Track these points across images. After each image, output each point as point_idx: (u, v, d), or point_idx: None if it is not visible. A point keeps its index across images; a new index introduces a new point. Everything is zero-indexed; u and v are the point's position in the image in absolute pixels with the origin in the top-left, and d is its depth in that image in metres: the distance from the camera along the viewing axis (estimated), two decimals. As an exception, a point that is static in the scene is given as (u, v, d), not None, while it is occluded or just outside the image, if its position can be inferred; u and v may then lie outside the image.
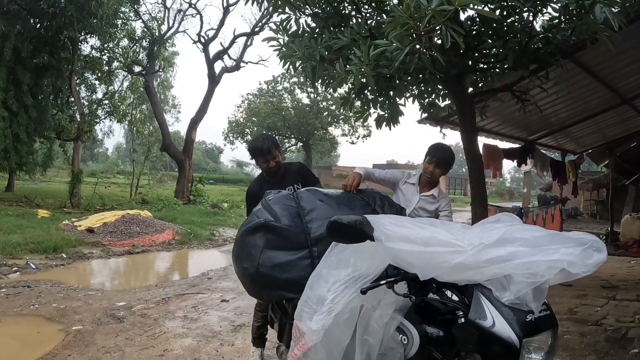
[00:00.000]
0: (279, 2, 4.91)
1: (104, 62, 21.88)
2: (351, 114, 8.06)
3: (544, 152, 12.40)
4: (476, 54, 5.05)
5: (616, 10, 3.96)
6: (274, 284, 2.94)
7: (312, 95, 44.14)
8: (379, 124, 5.29)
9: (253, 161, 5.12)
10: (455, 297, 2.17)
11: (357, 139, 46.84)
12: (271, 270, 2.91)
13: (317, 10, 5.17)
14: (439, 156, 4.02)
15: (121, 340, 5.49)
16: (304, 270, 2.83)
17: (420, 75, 4.86)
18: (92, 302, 7.10)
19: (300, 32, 4.99)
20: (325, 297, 2.31)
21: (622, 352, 4.94)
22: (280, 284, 2.92)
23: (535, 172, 12.57)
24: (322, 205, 3.11)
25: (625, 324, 5.74)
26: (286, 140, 50.79)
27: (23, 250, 10.40)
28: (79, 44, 19.97)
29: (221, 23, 26.10)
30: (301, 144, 49.49)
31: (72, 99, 21.44)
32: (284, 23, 4.95)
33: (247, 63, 27.98)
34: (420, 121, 7.60)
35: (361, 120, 5.43)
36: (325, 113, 45.04)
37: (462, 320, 2.07)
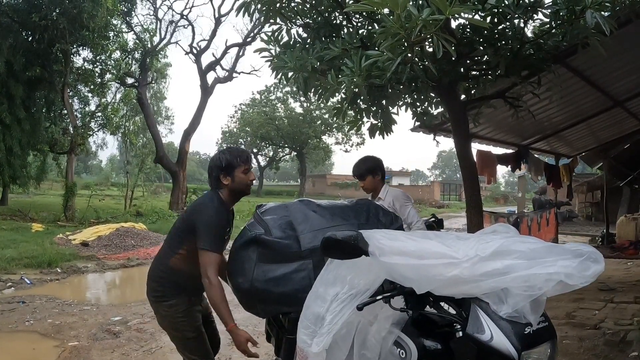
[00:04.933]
0: (270, 13, 4.91)
1: (97, 74, 21.90)
2: (344, 123, 8.06)
3: (538, 156, 12.43)
4: (468, 62, 5.05)
5: (607, 14, 3.97)
6: (268, 298, 2.91)
7: (305, 105, 44.29)
8: (372, 133, 5.28)
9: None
10: (452, 311, 2.16)
11: (351, 147, 47.05)
12: (265, 285, 2.88)
13: (308, 20, 5.17)
14: (354, 172, 4.62)
15: (117, 356, 5.45)
16: (299, 283, 2.83)
17: (413, 84, 4.86)
18: (87, 317, 7.04)
19: (291, 42, 4.99)
20: (323, 317, 2.29)
21: (622, 356, 4.93)
22: (275, 298, 2.89)
23: (529, 176, 12.59)
24: (315, 216, 3.07)
25: (624, 326, 5.72)
26: (280, 150, 50.84)
27: (17, 265, 10.32)
28: (71, 56, 19.98)
29: (213, 34, 26.15)
30: (295, 153, 49.59)
31: (65, 112, 21.42)
32: (276, 34, 4.94)
33: (239, 73, 28.01)
34: (413, 129, 7.60)
35: (355, 129, 5.44)
36: (319, 122, 45.19)
37: (460, 334, 2.06)
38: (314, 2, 5.09)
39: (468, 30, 4.66)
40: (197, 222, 3.12)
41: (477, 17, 4.03)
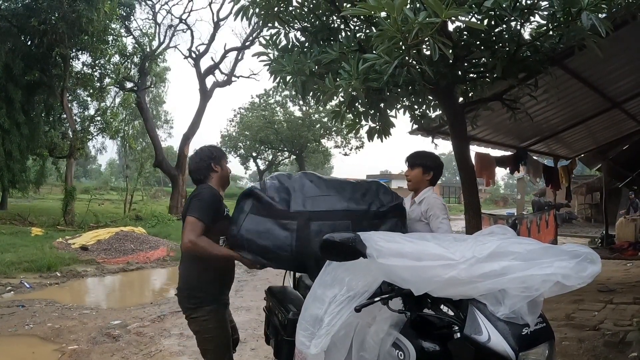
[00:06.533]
0: (268, 17, 4.92)
1: (96, 78, 21.84)
2: (343, 127, 8.08)
3: (536, 158, 12.44)
4: (465, 64, 5.06)
5: (603, 16, 3.98)
6: (251, 247, 3.11)
7: (304, 108, 44.21)
8: (370, 136, 5.29)
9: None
10: (450, 312, 2.17)
11: (350, 150, 46.88)
12: (250, 235, 3.10)
13: (306, 24, 5.19)
14: (406, 158, 4.08)
15: (117, 360, 5.45)
16: (280, 240, 3.04)
17: (410, 87, 4.86)
18: (87, 321, 7.04)
19: (289, 46, 5.00)
20: (322, 318, 2.31)
21: (621, 357, 4.94)
22: (257, 249, 3.10)
23: (528, 178, 12.61)
24: (310, 185, 3.23)
25: (623, 327, 5.74)
26: (279, 154, 50.83)
27: (17, 269, 10.33)
28: (70, 60, 19.96)
29: (212, 38, 26.23)
30: (294, 156, 49.53)
31: (64, 116, 21.41)
32: (274, 37, 4.96)
33: (238, 77, 28.06)
34: (411, 132, 7.60)
35: (353, 132, 5.45)
36: (318, 125, 45.10)
37: (458, 335, 2.07)
38: (311, 6, 5.11)
39: (465, 33, 4.67)
40: (190, 202, 3.33)
41: (473, 19, 4.03)
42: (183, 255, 3.52)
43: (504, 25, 4.48)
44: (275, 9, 4.87)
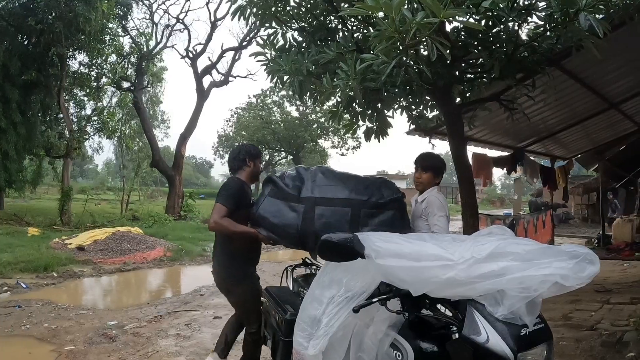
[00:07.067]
0: (266, 17, 4.92)
1: (93, 78, 21.81)
2: (340, 127, 8.09)
3: (533, 159, 12.45)
4: (463, 65, 5.06)
5: (600, 17, 3.98)
6: (265, 224, 3.66)
7: (301, 108, 44.17)
8: (367, 137, 5.29)
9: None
10: (448, 313, 2.16)
11: (347, 150, 46.87)
12: (266, 213, 3.65)
13: (303, 24, 5.18)
14: (417, 160, 4.21)
15: (114, 360, 5.43)
16: (288, 220, 3.52)
17: (408, 87, 4.86)
18: (83, 321, 7.01)
19: (287, 46, 5.00)
20: (320, 319, 2.30)
21: (618, 357, 4.93)
22: (269, 225, 3.63)
23: (525, 178, 12.61)
24: (321, 176, 3.65)
25: (621, 327, 5.74)
26: (276, 154, 50.78)
27: (13, 270, 10.27)
28: (67, 60, 19.93)
29: (209, 38, 26.16)
30: (291, 156, 49.48)
31: (61, 116, 21.37)
32: (271, 38, 4.96)
33: (235, 77, 27.98)
34: (409, 132, 7.59)
35: (350, 132, 5.45)
36: (315, 125, 45.05)
37: (456, 335, 2.06)
38: (309, 6, 5.10)
39: (462, 33, 4.67)
40: (219, 191, 4.04)
41: (471, 20, 4.04)
42: (215, 242, 4.25)
43: (502, 26, 4.48)
44: (273, 8, 4.87)
